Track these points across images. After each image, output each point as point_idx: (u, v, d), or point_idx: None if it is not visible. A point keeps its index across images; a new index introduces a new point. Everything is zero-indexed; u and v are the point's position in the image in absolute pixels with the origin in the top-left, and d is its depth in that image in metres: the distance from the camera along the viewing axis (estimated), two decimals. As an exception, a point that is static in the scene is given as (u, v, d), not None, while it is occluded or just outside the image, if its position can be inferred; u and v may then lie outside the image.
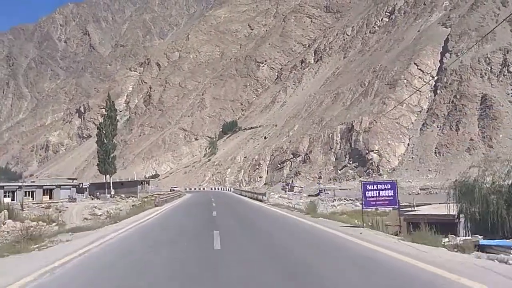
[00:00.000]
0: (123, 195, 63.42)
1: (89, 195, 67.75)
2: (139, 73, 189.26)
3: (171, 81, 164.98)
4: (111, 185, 68.31)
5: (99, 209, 39.63)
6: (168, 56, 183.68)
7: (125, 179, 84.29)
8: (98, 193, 66.94)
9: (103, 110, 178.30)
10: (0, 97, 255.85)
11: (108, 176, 68.37)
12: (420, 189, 54.42)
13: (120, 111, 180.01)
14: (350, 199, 41.71)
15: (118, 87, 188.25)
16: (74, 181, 72.76)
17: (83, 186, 69.91)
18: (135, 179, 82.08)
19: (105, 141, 66.81)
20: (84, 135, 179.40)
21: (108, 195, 62.36)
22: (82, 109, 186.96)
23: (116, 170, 72.78)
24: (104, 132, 67.05)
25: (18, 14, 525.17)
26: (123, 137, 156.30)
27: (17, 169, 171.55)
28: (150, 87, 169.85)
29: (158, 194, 58.08)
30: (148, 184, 79.24)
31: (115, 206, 40.52)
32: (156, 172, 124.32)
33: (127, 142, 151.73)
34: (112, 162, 67.50)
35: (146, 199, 42.82)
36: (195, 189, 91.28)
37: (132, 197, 60.91)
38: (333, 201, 41.56)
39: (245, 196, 47.83)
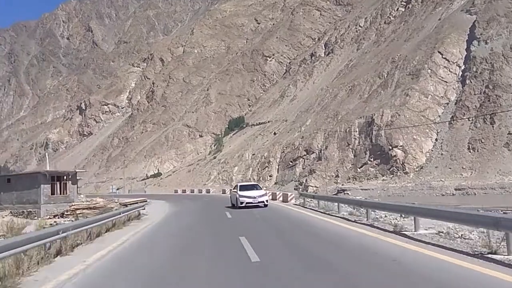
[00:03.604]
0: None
1: None
2: (142, 68, 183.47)
3: (175, 77, 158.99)
4: None
5: None
6: (172, 51, 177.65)
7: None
8: None
9: (105, 106, 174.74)
10: (1, 94, 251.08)
11: None
12: (455, 190, 48.10)
13: (122, 108, 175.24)
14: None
15: (120, 83, 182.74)
16: None
17: None
18: (38, 171, 43.13)
19: None
20: (85, 133, 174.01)
21: None
22: (83, 105, 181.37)
23: None
24: None
25: (20, 10, 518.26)
26: (125, 134, 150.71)
27: (15, 167, 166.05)
28: (153, 83, 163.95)
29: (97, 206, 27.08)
30: (73, 184, 37.55)
31: None
32: (158, 170, 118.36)
33: (128, 140, 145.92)
34: None
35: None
36: (194, 191, 75.26)
37: (28, 212, 29.62)
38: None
39: None
